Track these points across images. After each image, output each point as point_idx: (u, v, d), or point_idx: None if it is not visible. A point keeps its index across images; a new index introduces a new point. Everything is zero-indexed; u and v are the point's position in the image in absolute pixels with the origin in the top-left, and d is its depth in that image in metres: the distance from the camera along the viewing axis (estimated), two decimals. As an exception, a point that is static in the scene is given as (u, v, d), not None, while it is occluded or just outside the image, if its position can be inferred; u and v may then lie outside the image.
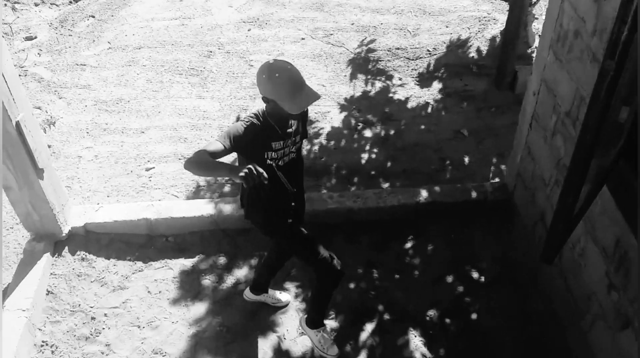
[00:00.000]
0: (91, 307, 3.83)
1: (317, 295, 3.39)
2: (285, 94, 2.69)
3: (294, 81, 2.72)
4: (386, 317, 3.76)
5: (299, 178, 3.17)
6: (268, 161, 2.87)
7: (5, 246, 4.26)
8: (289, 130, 2.92)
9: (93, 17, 6.78)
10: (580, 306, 3.35)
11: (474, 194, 4.43)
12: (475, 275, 4.01)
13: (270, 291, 3.78)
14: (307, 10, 6.85)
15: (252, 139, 2.79)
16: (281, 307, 3.79)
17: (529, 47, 6.02)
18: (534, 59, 3.92)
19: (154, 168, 4.85)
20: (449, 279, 3.98)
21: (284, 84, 2.68)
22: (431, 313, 3.77)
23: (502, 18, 6.33)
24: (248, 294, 3.79)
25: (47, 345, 3.63)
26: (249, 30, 6.54)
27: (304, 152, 5.03)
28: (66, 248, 4.14)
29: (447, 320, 3.73)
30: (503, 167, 4.84)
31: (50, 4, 7.00)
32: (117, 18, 6.75)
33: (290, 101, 2.69)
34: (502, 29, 6.10)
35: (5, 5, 6.85)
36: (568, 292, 3.50)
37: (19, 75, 5.75)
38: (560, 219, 2.41)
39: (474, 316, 3.76)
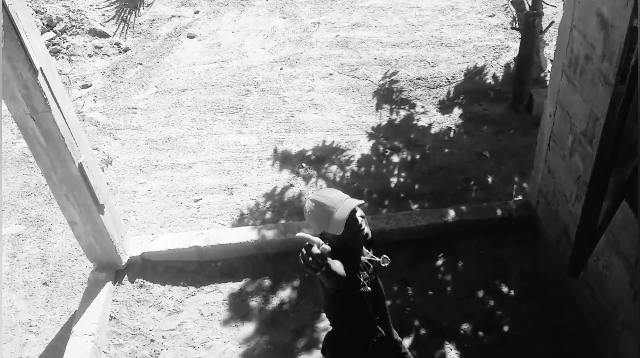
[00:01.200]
0: (150, 330, 3.89)
1: None
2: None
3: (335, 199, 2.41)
4: (422, 331, 3.73)
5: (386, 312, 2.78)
6: (361, 288, 2.53)
7: (71, 277, 4.37)
8: (364, 258, 2.57)
9: (141, 64, 6.98)
10: (608, 316, 3.28)
11: (499, 211, 4.40)
12: (505, 289, 3.96)
13: None
14: (333, 49, 6.93)
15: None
16: None
17: (542, 71, 5.98)
18: (548, 82, 3.90)
19: (201, 199, 4.94)
20: (480, 294, 3.93)
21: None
22: (465, 326, 3.73)
23: (515, 46, 6.31)
24: None
25: (112, 367, 3.70)
26: (281, 69, 6.65)
27: (336, 179, 5.07)
28: (126, 276, 4.23)
29: (480, 333, 3.69)
30: (525, 185, 4.80)
31: (103, 54, 7.23)
32: (162, 64, 6.94)
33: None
34: (515, 55, 6.08)
35: (63, 57, 7.10)
36: (596, 303, 3.43)
37: (78, 120, 5.94)
38: (584, 234, 2.39)
39: (505, 328, 3.70)
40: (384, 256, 2.58)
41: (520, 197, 4.70)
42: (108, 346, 3.80)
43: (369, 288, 2.51)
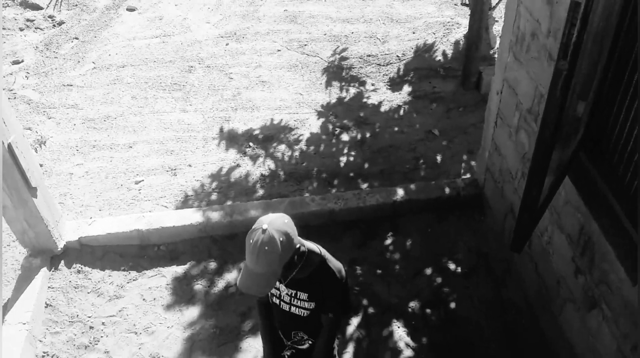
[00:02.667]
0: (89, 317, 3.81)
1: None
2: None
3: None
4: (371, 310, 3.79)
5: (310, 342, 2.57)
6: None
7: (3, 264, 4.21)
8: (285, 277, 2.35)
9: (77, 39, 6.73)
10: (551, 291, 3.41)
11: (447, 190, 4.48)
12: (452, 266, 4.05)
13: None
14: (281, 23, 6.86)
15: None
16: None
17: (491, 48, 6.09)
18: (496, 60, 3.97)
19: (143, 180, 4.84)
20: (428, 271, 4.02)
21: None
22: (413, 305, 3.81)
23: (465, 22, 6.40)
24: None
25: (48, 355, 3.60)
26: (227, 44, 6.54)
27: (285, 159, 5.05)
28: (62, 262, 4.11)
29: (428, 311, 3.77)
30: (473, 163, 4.90)
31: (35, 28, 6.94)
32: (100, 39, 6.71)
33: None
34: (465, 32, 6.17)
35: (-9, 31, 6.77)
36: (539, 278, 3.55)
37: (8, 98, 5.69)
38: (526, 210, 2.46)
39: (452, 305, 3.80)
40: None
41: (468, 175, 4.79)
42: (44, 334, 3.70)
43: (273, 297, 2.46)
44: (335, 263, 2.41)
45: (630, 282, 2.54)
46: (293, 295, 2.40)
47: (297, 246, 2.20)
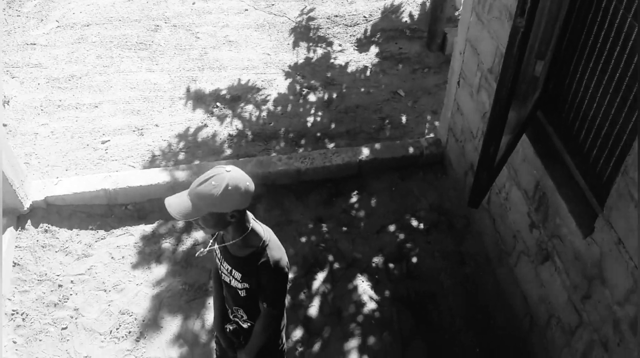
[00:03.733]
0: (57, 275, 3.77)
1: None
2: None
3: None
4: (336, 266, 3.83)
5: (248, 322, 2.43)
6: (216, 258, 2.41)
7: (-32, 224, 4.12)
8: (223, 252, 2.31)
9: (39, -4, 6.46)
10: (507, 244, 3.49)
11: (411, 149, 4.50)
12: (415, 223, 4.10)
13: None
14: (249, -17, 6.69)
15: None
16: None
17: (456, 10, 6.05)
18: (459, 20, 3.95)
19: (109, 140, 4.74)
20: (392, 228, 4.06)
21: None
22: (376, 260, 3.86)
23: (432, -16, 6.33)
24: None
25: (17, 313, 3.56)
26: (193, 3, 6.36)
27: (252, 119, 4.99)
28: (29, 221, 4.03)
29: (391, 265, 3.83)
30: (437, 123, 4.92)
31: (-5, -16, 6.63)
32: (64, -4, 6.46)
33: None
34: (432, -6, 6.11)
35: (-51, -13, 6.45)
36: (496, 232, 3.63)
37: (-32, 56, 5.47)
38: (484, 167, 2.48)
39: (414, 260, 3.86)
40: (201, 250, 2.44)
41: (432, 135, 4.82)
42: (12, 293, 3.65)
43: (204, 252, 2.39)
44: (275, 253, 2.22)
45: (581, 235, 2.61)
46: (228, 271, 2.29)
47: (239, 211, 2.08)
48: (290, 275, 3.72)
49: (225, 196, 2.00)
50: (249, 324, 2.41)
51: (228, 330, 2.45)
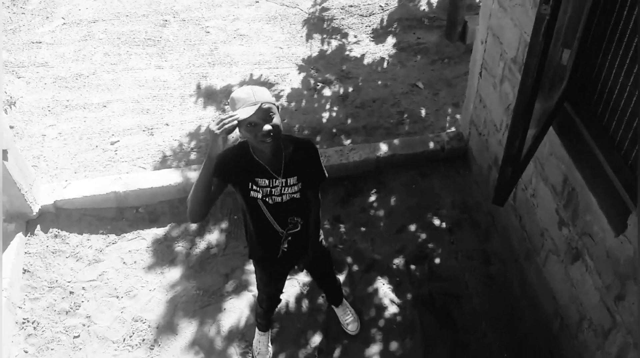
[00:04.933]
0: (68, 282, 3.81)
1: (254, 304, 3.44)
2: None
3: (247, 96, 2.34)
4: (355, 268, 3.82)
5: (310, 225, 2.79)
6: (252, 193, 2.57)
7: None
8: (277, 168, 2.54)
9: (44, -7, 6.53)
10: (535, 243, 3.45)
11: (431, 144, 4.47)
12: (437, 221, 4.08)
13: (344, 307, 3.55)
14: (259, -27, 6.69)
15: (233, 167, 2.52)
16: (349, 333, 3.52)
17: (477, -4, 6.00)
18: (480, 7, 3.91)
19: (118, 141, 4.77)
20: (412, 228, 4.04)
21: (239, 100, 2.34)
22: (397, 261, 3.85)
23: (451, -31, 6.27)
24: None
25: (28, 321, 3.61)
26: (202, -4, 6.39)
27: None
28: (38, 226, 4.08)
29: (412, 267, 3.81)
30: (458, 116, 4.88)
31: (-1, -18, 6.71)
32: (69, -7, 6.51)
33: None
34: (450, -20, 6.06)
35: (-47, -14, 6.54)
36: (523, 230, 3.59)
37: (-26, 57, 5.54)
38: (509, 163, 2.45)
39: (437, 261, 3.84)
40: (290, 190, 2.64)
41: (453, 129, 4.78)
42: (23, 301, 3.70)
43: (259, 195, 2.56)
44: (299, 135, 2.63)
45: (613, 233, 2.57)
46: (283, 185, 2.56)
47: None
48: (308, 278, 3.72)
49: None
50: (300, 224, 2.74)
51: (283, 250, 2.76)
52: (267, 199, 2.58)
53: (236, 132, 2.37)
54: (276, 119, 2.36)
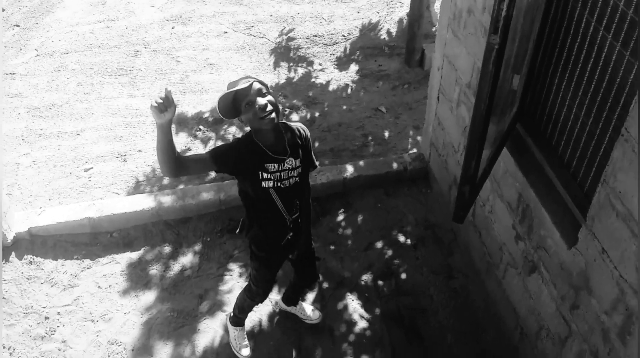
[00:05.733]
0: (44, 307, 3.71)
1: (242, 300, 3.27)
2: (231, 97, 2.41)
3: (237, 81, 2.44)
4: (325, 285, 3.82)
5: (303, 209, 2.82)
6: (263, 183, 2.57)
7: (-50, 259, 4.05)
8: (282, 150, 2.57)
9: (18, 26, 6.44)
10: (494, 257, 3.50)
11: (395, 165, 4.52)
12: (402, 238, 4.11)
13: (301, 305, 3.60)
14: (227, 5, 6.72)
15: (240, 158, 2.50)
16: (309, 323, 3.58)
17: (433, 26, 6.13)
18: (436, 37, 4.00)
19: (92, 168, 4.70)
20: (379, 245, 4.06)
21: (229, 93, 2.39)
22: (365, 277, 3.85)
23: (407, 0, 6.41)
24: (280, 304, 3.64)
25: (4, 348, 3.50)
26: (172, 27, 6.38)
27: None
28: (13, 253, 3.98)
29: (380, 282, 3.82)
30: (419, 138, 4.95)
31: (-28, 15, 6.60)
32: (42, 25, 6.44)
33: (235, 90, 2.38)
34: (407, 11, 6.18)
35: None
36: (483, 245, 3.64)
37: (-53, 89, 5.42)
38: (466, 182, 2.50)
39: (403, 276, 3.86)
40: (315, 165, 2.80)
41: (415, 150, 4.85)
42: (-3, 328, 3.59)
43: (270, 183, 2.56)
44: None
45: (565, 246, 2.63)
46: (290, 168, 2.59)
47: None
48: (278, 297, 3.70)
49: None
50: (297, 206, 2.75)
51: (288, 238, 2.80)
52: (278, 184, 2.58)
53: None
54: (270, 97, 2.43)
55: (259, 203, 2.67)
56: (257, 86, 2.40)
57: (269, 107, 2.40)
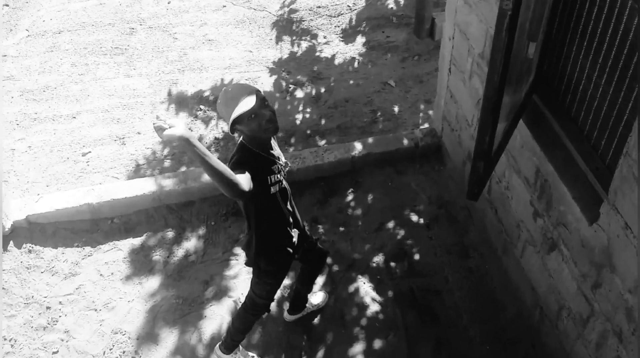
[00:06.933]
0: (45, 297, 3.75)
1: (243, 322, 3.16)
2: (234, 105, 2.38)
3: (239, 92, 2.41)
4: (335, 268, 3.82)
5: (295, 211, 2.93)
6: (272, 188, 2.59)
7: (-53, 249, 4.09)
8: (273, 152, 2.63)
9: (7, 5, 6.41)
10: (512, 235, 3.49)
11: (405, 141, 4.50)
12: (414, 218, 4.10)
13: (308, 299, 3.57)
14: (225, -23, 6.66)
15: (254, 166, 2.45)
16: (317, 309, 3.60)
17: (444, -7, 6.05)
18: (446, 4, 3.94)
19: (90, 152, 4.71)
20: (390, 225, 4.06)
21: (233, 98, 2.38)
22: (377, 259, 3.86)
23: (417, -33, 6.31)
24: (288, 318, 3.54)
25: (5, 339, 3.54)
26: (168, 3, 6.33)
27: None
28: (11, 242, 4.01)
29: (392, 264, 3.82)
30: (430, 112, 4.91)
31: (-40, -5, 6.58)
32: (32, 4, 6.41)
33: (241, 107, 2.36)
34: (417, -23, 6.10)
35: None
36: (500, 223, 3.63)
37: (-64, 73, 5.43)
38: (480, 158, 2.48)
39: (416, 257, 3.86)
40: (285, 161, 2.75)
41: (426, 125, 4.81)
42: (-1, 319, 3.63)
43: (277, 187, 2.63)
44: None
45: (587, 222, 2.61)
46: (282, 167, 2.68)
47: None
48: (288, 281, 3.71)
49: None
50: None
51: (294, 241, 2.88)
52: (280, 187, 2.67)
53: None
54: (270, 106, 2.48)
55: (267, 213, 2.68)
56: (259, 96, 2.42)
57: (273, 118, 2.47)
